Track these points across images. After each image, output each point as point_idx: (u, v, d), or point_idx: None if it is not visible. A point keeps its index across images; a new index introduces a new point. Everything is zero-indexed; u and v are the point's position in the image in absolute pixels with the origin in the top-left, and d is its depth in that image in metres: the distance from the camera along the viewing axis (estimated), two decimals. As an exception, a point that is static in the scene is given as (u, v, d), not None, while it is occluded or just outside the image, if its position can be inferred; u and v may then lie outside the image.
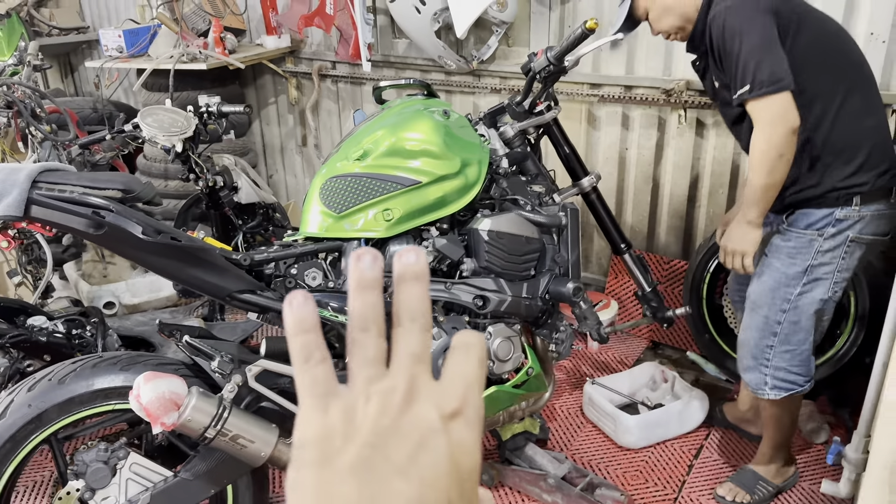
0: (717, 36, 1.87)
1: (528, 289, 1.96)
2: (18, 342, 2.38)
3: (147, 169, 3.96)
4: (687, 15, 2.00)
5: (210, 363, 1.64)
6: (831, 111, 1.89)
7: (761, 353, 2.05)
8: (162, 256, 1.62)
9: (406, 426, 0.40)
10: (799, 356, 2.04)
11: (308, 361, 0.43)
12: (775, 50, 1.79)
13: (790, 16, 1.85)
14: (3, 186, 1.50)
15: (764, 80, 1.78)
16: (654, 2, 2.03)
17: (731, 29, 1.82)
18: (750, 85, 1.80)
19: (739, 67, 1.82)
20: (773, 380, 2.05)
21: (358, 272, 0.44)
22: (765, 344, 2.04)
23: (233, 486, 1.78)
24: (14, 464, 1.59)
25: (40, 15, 5.17)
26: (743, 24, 1.81)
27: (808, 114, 1.85)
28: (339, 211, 1.84)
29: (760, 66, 1.78)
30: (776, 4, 1.83)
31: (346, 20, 3.62)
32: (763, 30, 1.81)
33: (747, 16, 1.82)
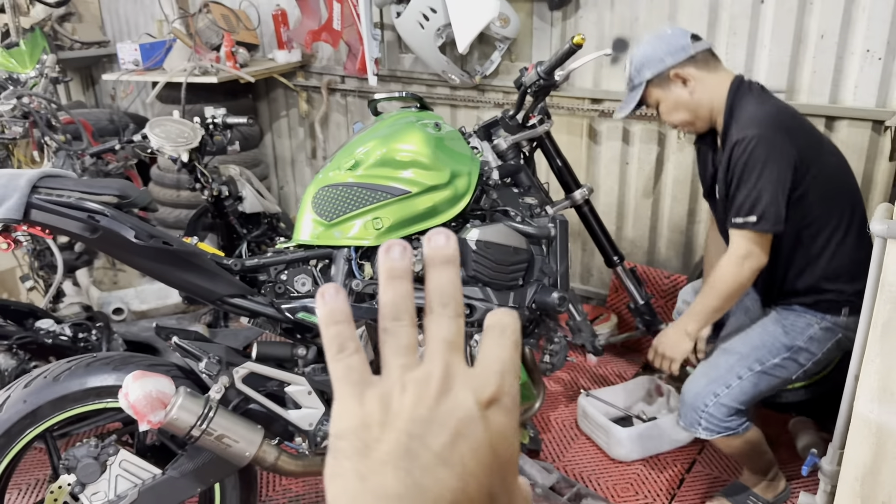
0: (738, 157, 1.94)
1: (515, 298, 2.00)
2: (25, 344, 2.45)
3: (160, 179, 4.06)
4: (699, 113, 2.08)
5: (198, 364, 1.69)
6: (834, 241, 2.00)
7: (702, 398, 2.04)
8: (154, 260, 1.67)
9: (443, 414, 0.39)
10: (735, 411, 2.04)
11: (342, 351, 0.42)
12: (783, 194, 1.90)
13: (808, 155, 1.93)
14: (5, 191, 1.57)
15: (769, 218, 1.90)
16: (667, 96, 2.08)
17: (755, 159, 1.90)
18: (757, 217, 1.90)
19: (750, 197, 1.91)
20: (707, 423, 2.05)
21: (388, 262, 0.43)
22: (711, 391, 2.03)
23: (220, 486, 1.82)
24: (9, 457, 1.65)
25: (63, 29, 5.32)
26: (768, 159, 1.89)
27: (814, 242, 2.00)
28: (330, 219, 1.89)
29: (770, 205, 1.89)
30: (800, 146, 1.92)
31: (354, 35, 3.70)
32: (780, 172, 1.89)
33: (774, 154, 1.90)
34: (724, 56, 2.81)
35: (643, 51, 2.08)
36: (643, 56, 2.07)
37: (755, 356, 2.03)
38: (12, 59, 4.44)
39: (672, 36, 2.06)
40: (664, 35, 2.07)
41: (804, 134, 1.99)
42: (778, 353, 2.03)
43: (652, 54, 2.05)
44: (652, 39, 2.08)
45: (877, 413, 1.36)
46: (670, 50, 2.04)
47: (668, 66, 2.04)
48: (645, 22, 2.98)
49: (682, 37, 2.05)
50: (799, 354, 2.03)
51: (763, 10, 2.70)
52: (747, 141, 1.91)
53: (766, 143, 1.90)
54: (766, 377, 2.03)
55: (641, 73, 2.08)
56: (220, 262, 1.78)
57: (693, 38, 2.06)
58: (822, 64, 2.63)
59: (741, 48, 2.78)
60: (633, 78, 2.10)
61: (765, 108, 1.97)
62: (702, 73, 2.04)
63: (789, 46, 2.68)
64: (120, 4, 5.37)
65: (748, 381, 2.01)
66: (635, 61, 2.09)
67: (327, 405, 1.82)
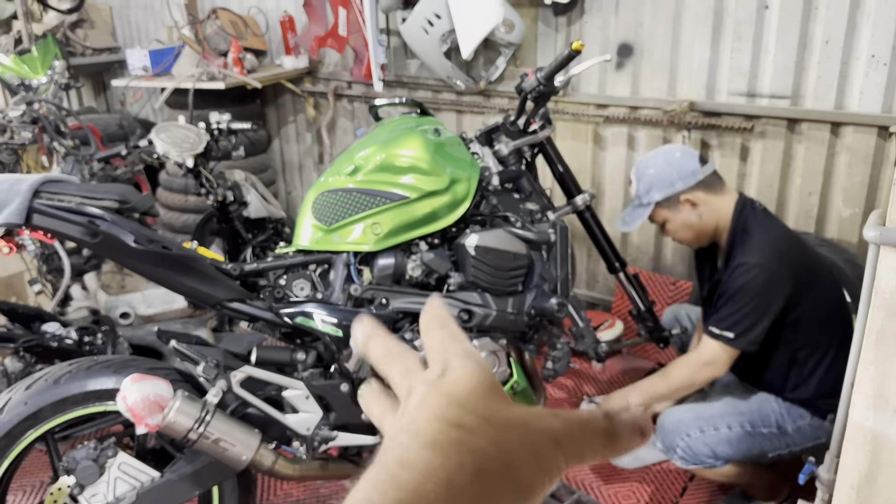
0: (736, 278, 2.00)
1: (514, 304, 1.99)
2: (31, 347, 2.48)
3: (169, 184, 4.09)
4: (705, 233, 2.15)
5: (196, 368, 1.70)
6: (825, 363, 2.05)
7: (685, 428, 2.08)
8: (153, 264, 1.69)
9: (409, 412, 0.45)
10: (713, 454, 2.06)
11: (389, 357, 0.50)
12: (767, 321, 1.98)
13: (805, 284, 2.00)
14: (7, 196, 1.59)
15: (745, 339, 1.98)
16: (675, 217, 2.14)
17: (751, 286, 1.96)
18: (734, 335, 1.99)
19: (735, 316, 1.98)
20: (684, 452, 2.08)
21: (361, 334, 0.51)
22: (697, 426, 2.07)
23: (219, 490, 1.83)
24: (10, 458, 1.67)
25: (75, 36, 5.39)
26: (763, 290, 1.96)
27: (806, 362, 2.05)
28: (329, 224, 1.90)
29: (750, 329, 1.97)
30: (797, 276, 1.98)
31: (360, 41, 3.72)
32: (771, 303, 1.97)
33: (770, 286, 1.98)
34: (728, 62, 2.81)
35: (653, 172, 2.11)
36: (653, 178, 2.11)
37: (748, 417, 2.08)
38: (25, 65, 4.49)
39: (681, 159, 2.09)
40: (674, 159, 2.10)
41: (804, 262, 2.04)
42: (768, 426, 2.08)
43: (662, 177, 2.09)
44: (661, 161, 2.11)
45: (872, 421, 1.35)
46: (680, 175, 2.08)
47: (678, 190, 2.09)
48: (649, 27, 2.97)
49: (692, 160, 2.09)
50: (784, 437, 2.08)
51: (768, 15, 2.69)
52: (748, 267, 1.97)
53: (765, 273, 1.96)
54: (750, 440, 2.06)
55: (650, 194, 2.12)
56: (219, 266, 1.80)
57: (701, 161, 2.10)
58: (827, 69, 2.62)
59: (746, 54, 2.77)
60: (642, 196, 2.15)
61: (769, 235, 2.03)
62: (709, 197, 2.10)
63: (794, 52, 2.67)
64: (131, 11, 5.42)
65: (734, 434, 2.05)
66: (644, 181, 2.13)
67: (325, 410, 1.83)
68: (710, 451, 2.05)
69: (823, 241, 2.57)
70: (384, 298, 1.88)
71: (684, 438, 2.07)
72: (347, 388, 1.84)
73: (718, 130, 2.90)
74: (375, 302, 1.88)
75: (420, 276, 1.93)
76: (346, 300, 1.88)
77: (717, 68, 2.87)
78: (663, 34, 2.96)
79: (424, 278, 1.95)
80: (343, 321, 1.80)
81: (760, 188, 2.90)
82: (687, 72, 2.94)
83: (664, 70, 3.00)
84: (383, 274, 1.91)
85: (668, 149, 2.17)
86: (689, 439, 2.06)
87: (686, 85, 2.96)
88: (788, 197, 2.86)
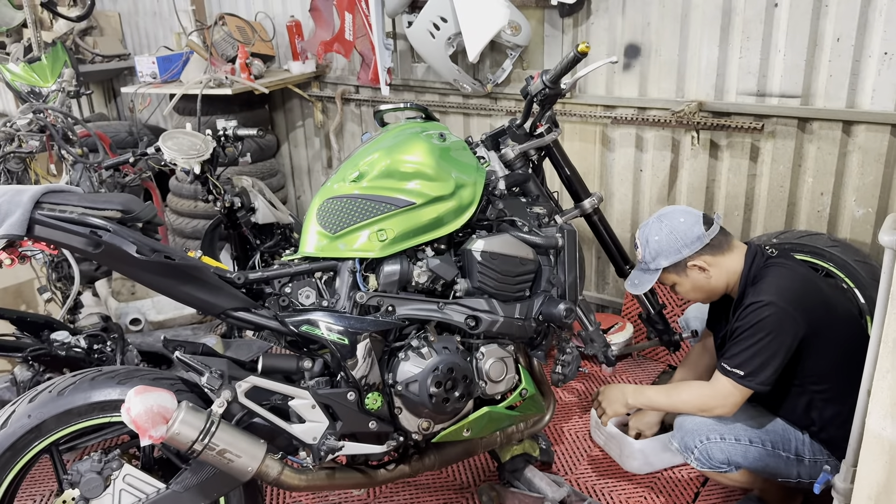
0: (747, 315, 1.97)
1: (521, 310, 1.97)
2: (39, 356, 2.48)
3: (178, 190, 4.10)
4: (716, 292, 2.13)
5: (200, 378, 1.69)
6: (847, 406, 1.96)
7: (705, 432, 2.05)
8: (156, 274, 1.68)
9: None
10: (728, 462, 2.04)
11: None
12: (779, 362, 1.93)
13: (820, 326, 1.96)
14: (8, 207, 1.58)
15: (756, 378, 1.94)
16: (684, 281, 2.13)
17: (763, 325, 1.93)
18: (744, 373, 1.94)
19: (745, 354, 1.95)
20: (700, 454, 2.06)
21: None
22: (718, 432, 2.04)
23: (225, 500, 1.82)
24: (14, 471, 1.66)
25: (85, 43, 5.41)
26: (774, 329, 1.92)
27: (827, 405, 2.00)
28: (334, 231, 1.88)
29: (762, 368, 1.93)
30: (812, 319, 1.94)
31: (367, 45, 3.71)
32: (783, 344, 1.92)
33: (783, 326, 1.92)
34: (737, 61, 2.78)
35: (658, 240, 2.09)
36: (658, 246, 2.09)
37: (771, 437, 2.05)
38: (34, 73, 4.51)
39: (685, 225, 2.07)
40: (677, 225, 2.07)
41: (820, 304, 2.00)
42: (787, 451, 2.05)
43: (667, 245, 2.08)
44: (665, 229, 2.08)
45: (890, 430, 1.32)
46: (686, 242, 2.06)
47: (685, 256, 2.07)
48: (657, 27, 2.94)
49: (696, 225, 2.06)
50: (800, 466, 2.04)
51: (777, 13, 2.65)
52: (760, 305, 1.94)
53: (778, 312, 1.92)
54: (767, 459, 2.03)
55: (657, 261, 2.10)
56: (223, 275, 1.78)
57: (706, 224, 2.07)
58: (839, 67, 2.58)
59: (755, 53, 2.74)
60: (648, 263, 2.13)
61: (782, 278, 1.99)
62: (717, 258, 2.07)
63: (804, 50, 2.63)
64: (140, 18, 5.45)
65: (753, 449, 2.03)
66: (650, 248, 2.11)
67: (331, 419, 1.81)
68: (727, 458, 2.02)
69: (836, 241, 2.53)
70: (390, 305, 1.87)
71: (703, 441, 2.04)
72: (354, 396, 1.82)
73: (728, 131, 2.86)
74: (381, 309, 1.87)
75: (426, 283, 1.91)
76: (352, 307, 1.86)
77: (725, 68, 2.83)
78: (671, 34, 2.92)
79: (431, 284, 1.93)
80: (349, 329, 1.79)
81: (771, 188, 2.86)
82: (695, 72, 2.91)
83: (672, 70, 2.96)
84: (389, 280, 1.89)
85: (671, 213, 2.12)
86: (707, 443, 2.04)
87: (694, 85, 2.92)
88: (800, 197, 2.81)
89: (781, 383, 1.99)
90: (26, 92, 4.48)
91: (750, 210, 2.95)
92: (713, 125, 2.87)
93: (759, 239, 2.64)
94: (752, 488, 2.20)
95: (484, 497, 2.31)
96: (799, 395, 2.03)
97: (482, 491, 2.33)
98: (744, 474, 2.07)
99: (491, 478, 2.48)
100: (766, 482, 2.13)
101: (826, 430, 2.01)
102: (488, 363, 1.94)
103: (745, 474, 2.07)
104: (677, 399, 2.11)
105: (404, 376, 1.85)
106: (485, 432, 2.04)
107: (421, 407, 1.86)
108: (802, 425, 2.06)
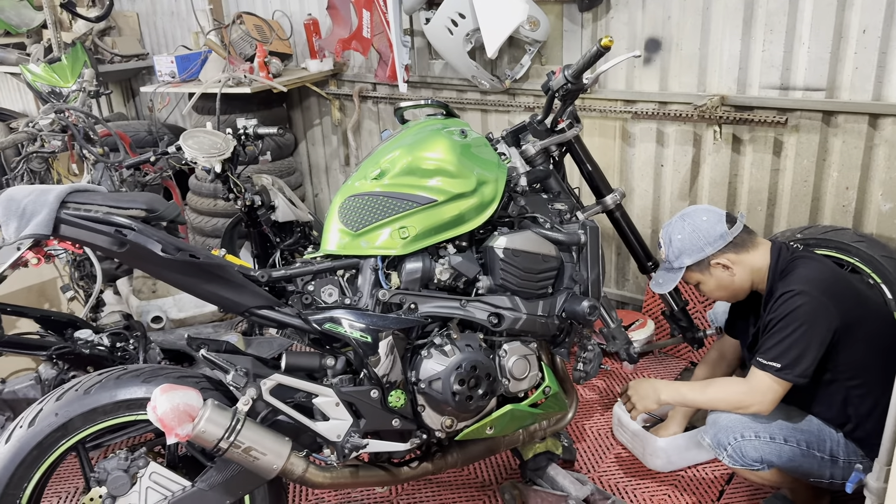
0: (779, 306, 1.95)
1: (544, 307, 1.96)
2: (63, 354, 2.49)
3: (198, 189, 4.12)
4: (742, 290, 2.11)
5: (226, 376, 1.69)
6: (881, 405, 1.92)
7: (739, 429, 2.02)
8: (181, 273, 1.68)
9: None
10: (761, 461, 2.01)
11: None
12: (815, 352, 1.90)
13: (853, 318, 1.93)
14: (34, 206, 1.60)
15: (793, 369, 1.91)
16: (708, 279, 2.11)
17: (796, 315, 1.91)
18: (781, 365, 1.91)
19: (780, 346, 1.92)
20: (734, 452, 2.03)
21: None
22: (753, 430, 2.01)
23: (250, 498, 1.82)
24: (42, 469, 1.67)
25: (104, 43, 5.45)
26: (808, 320, 1.90)
27: (863, 401, 1.98)
28: (356, 229, 1.88)
29: (798, 360, 1.90)
30: (844, 310, 1.92)
31: (384, 43, 3.71)
32: (817, 334, 1.90)
33: (815, 316, 1.90)
34: (760, 55, 2.74)
35: (681, 239, 2.08)
36: (681, 245, 2.08)
37: (806, 437, 2.02)
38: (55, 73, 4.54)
39: (708, 223, 2.05)
40: (700, 224, 2.06)
41: (851, 297, 1.98)
42: (822, 451, 2.02)
43: (690, 244, 2.06)
44: (689, 228, 2.07)
45: (923, 428, 1.29)
46: (708, 240, 2.04)
47: (708, 255, 2.05)
48: (678, 21, 2.91)
49: (719, 223, 2.05)
50: (833, 467, 2.02)
51: (801, 5, 2.62)
52: (792, 294, 1.93)
53: (811, 302, 1.90)
54: (801, 459, 2.01)
55: (680, 260, 2.09)
56: (247, 273, 1.78)
57: (728, 222, 2.05)
58: (865, 60, 2.54)
59: (778, 45, 2.70)
60: (672, 262, 2.12)
61: (812, 269, 1.98)
62: (741, 256, 2.06)
63: (829, 42, 2.59)
64: (157, 18, 5.47)
65: (787, 448, 2.00)
66: (673, 247, 2.10)
67: (355, 416, 1.81)
68: (760, 456, 2.00)
69: (862, 236, 2.49)
70: (413, 303, 1.86)
71: (737, 439, 2.01)
72: (377, 394, 1.82)
73: (750, 125, 2.83)
74: (404, 306, 1.86)
75: (448, 280, 1.91)
76: (375, 305, 1.86)
77: (748, 61, 2.80)
78: (692, 28, 2.89)
79: (452, 282, 1.92)
80: (372, 326, 1.78)
81: (795, 183, 2.82)
82: (717, 66, 2.88)
83: (693, 64, 2.93)
84: (411, 278, 1.88)
85: (694, 212, 2.11)
86: (742, 441, 2.01)
87: (716, 79, 2.89)
88: (824, 192, 2.78)
89: (815, 378, 1.96)
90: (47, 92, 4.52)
91: (773, 205, 2.92)
92: (736, 119, 2.84)
93: (783, 234, 2.60)
94: (781, 487, 2.17)
95: (506, 495, 2.31)
96: (834, 390, 2.00)
97: (504, 489, 2.32)
98: (775, 473, 2.04)
99: (512, 476, 2.48)
100: (795, 481, 2.10)
101: (862, 426, 1.98)
102: (511, 361, 1.93)
103: (776, 473, 2.04)
104: (712, 396, 2.07)
105: (427, 374, 1.84)
106: (508, 430, 2.03)
107: (444, 405, 1.85)
108: (838, 423, 2.03)
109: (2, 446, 1.65)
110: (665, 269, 2.15)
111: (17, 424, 1.68)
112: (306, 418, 1.77)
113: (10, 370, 2.75)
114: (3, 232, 1.61)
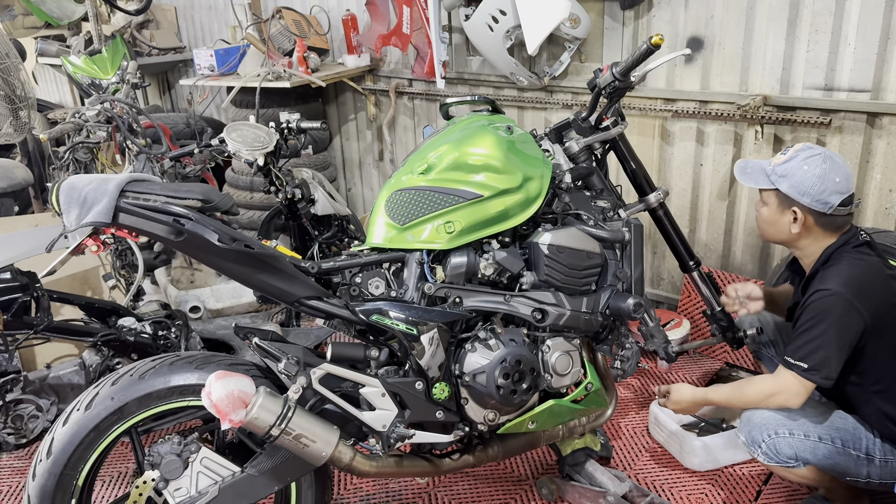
0: (812, 304, 1.95)
1: (588, 304, 1.97)
2: (109, 341, 2.55)
3: (234, 181, 4.17)
4: (783, 241, 2.12)
5: (277, 364, 1.72)
6: None
7: (773, 426, 2.02)
8: (236, 262, 1.72)
9: None
10: (796, 458, 2.00)
11: None
12: (841, 354, 1.91)
13: (886, 320, 1.93)
14: (95, 195, 1.63)
15: (819, 371, 1.91)
16: (775, 212, 2.08)
17: (825, 314, 1.91)
18: (808, 365, 1.92)
19: (809, 346, 1.93)
20: (768, 449, 2.02)
21: None
22: (787, 427, 2.01)
23: (296, 485, 1.86)
24: (98, 451, 1.72)
25: (142, 36, 5.53)
26: (837, 321, 1.90)
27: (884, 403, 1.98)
28: (402, 223, 1.90)
29: (825, 362, 1.90)
30: (877, 311, 1.91)
31: (422, 39, 3.72)
32: (846, 336, 1.90)
33: (845, 318, 1.90)
34: (804, 55, 2.72)
35: (805, 170, 1.99)
36: (800, 174, 1.99)
37: (841, 435, 2.01)
38: (95, 65, 4.63)
39: (831, 185, 1.96)
40: (827, 178, 1.96)
41: (887, 301, 1.95)
42: (857, 449, 2.01)
43: (800, 181, 1.98)
44: (818, 171, 1.97)
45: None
46: (814, 194, 1.97)
47: (798, 201, 2.00)
48: (721, 20, 2.90)
49: (836, 194, 1.96)
50: (869, 466, 2.00)
51: (848, 6, 2.59)
52: (825, 294, 1.92)
53: (842, 303, 1.90)
54: (836, 457, 2.00)
55: (780, 181, 2.03)
56: (298, 264, 1.81)
57: (844, 201, 1.98)
58: (913, 61, 2.51)
59: (824, 46, 2.68)
60: (770, 174, 2.05)
61: (852, 267, 1.96)
62: (816, 229, 2.03)
63: (876, 43, 2.56)
64: (195, 11, 5.54)
65: (822, 446, 2.00)
66: (790, 168, 2.00)
67: (400, 407, 1.83)
68: (794, 453, 1.99)
69: (906, 239, 2.47)
70: (457, 297, 1.88)
71: (771, 436, 2.01)
72: (422, 385, 1.84)
73: (793, 125, 2.81)
74: (449, 300, 1.88)
75: (492, 275, 1.92)
76: (420, 298, 1.88)
77: (792, 61, 2.78)
78: (735, 27, 2.88)
79: (496, 277, 1.94)
80: (417, 319, 1.81)
81: (838, 184, 2.80)
82: (760, 65, 2.86)
83: (736, 64, 2.92)
84: (456, 272, 1.90)
85: (837, 168, 1.98)
86: (776, 438, 2.01)
87: (759, 79, 2.87)
88: (867, 194, 2.75)
89: (843, 377, 1.95)
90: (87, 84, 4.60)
91: (814, 206, 2.90)
92: (778, 120, 2.82)
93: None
94: (819, 486, 2.16)
95: (543, 490, 2.32)
96: (864, 390, 1.99)
97: (541, 484, 2.33)
98: (811, 471, 2.04)
99: (549, 471, 2.49)
100: (833, 481, 2.09)
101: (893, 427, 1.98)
102: (554, 356, 1.94)
103: (812, 471, 2.04)
104: (745, 398, 2.09)
105: (472, 367, 1.86)
106: (548, 425, 2.05)
107: (488, 398, 1.87)
108: (871, 423, 2.02)
109: (60, 428, 1.70)
110: (765, 169, 2.08)
111: (73, 407, 1.72)
112: (354, 408, 1.80)
113: (54, 356, 2.81)
114: (64, 219, 1.64)
